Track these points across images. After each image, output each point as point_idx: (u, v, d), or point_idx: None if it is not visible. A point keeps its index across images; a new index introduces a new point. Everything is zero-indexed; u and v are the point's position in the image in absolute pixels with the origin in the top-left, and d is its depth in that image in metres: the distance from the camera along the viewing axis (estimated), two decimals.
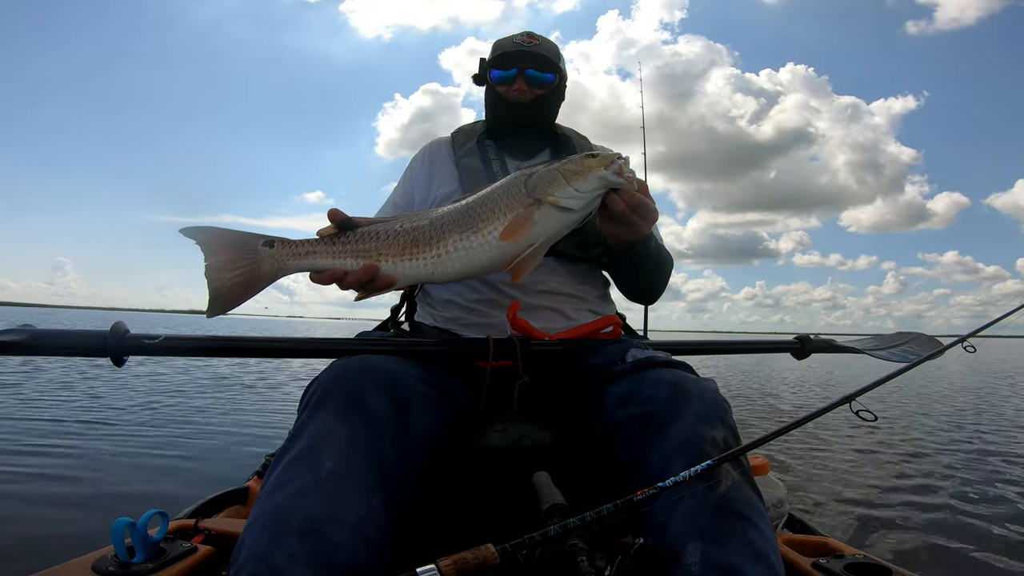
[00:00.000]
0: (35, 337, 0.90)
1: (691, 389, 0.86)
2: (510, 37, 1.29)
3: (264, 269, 0.90)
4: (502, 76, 1.26)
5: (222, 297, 0.89)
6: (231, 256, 0.89)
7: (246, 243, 0.90)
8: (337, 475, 0.73)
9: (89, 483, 3.02)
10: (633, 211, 0.90)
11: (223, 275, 0.89)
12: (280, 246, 0.90)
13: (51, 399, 5.60)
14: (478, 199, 0.91)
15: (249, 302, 0.92)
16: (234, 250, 0.89)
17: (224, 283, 0.89)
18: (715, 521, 0.71)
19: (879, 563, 1.05)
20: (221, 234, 0.91)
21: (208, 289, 0.89)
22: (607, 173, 0.87)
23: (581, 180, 0.87)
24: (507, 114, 1.28)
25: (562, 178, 0.87)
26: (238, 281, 0.89)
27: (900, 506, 3.04)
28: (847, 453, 4.28)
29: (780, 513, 1.48)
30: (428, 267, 0.90)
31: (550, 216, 0.87)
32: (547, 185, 0.87)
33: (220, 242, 0.90)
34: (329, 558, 0.67)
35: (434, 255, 0.89)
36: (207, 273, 0.89)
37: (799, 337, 1.39)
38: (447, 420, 0.94)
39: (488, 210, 0.89)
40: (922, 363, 1.14)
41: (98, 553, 0.97)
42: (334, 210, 0.91)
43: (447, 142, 1.35)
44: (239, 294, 0.90)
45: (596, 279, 1.26)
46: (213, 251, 0.89)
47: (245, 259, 0.90)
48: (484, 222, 0.89)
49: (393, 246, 0.90)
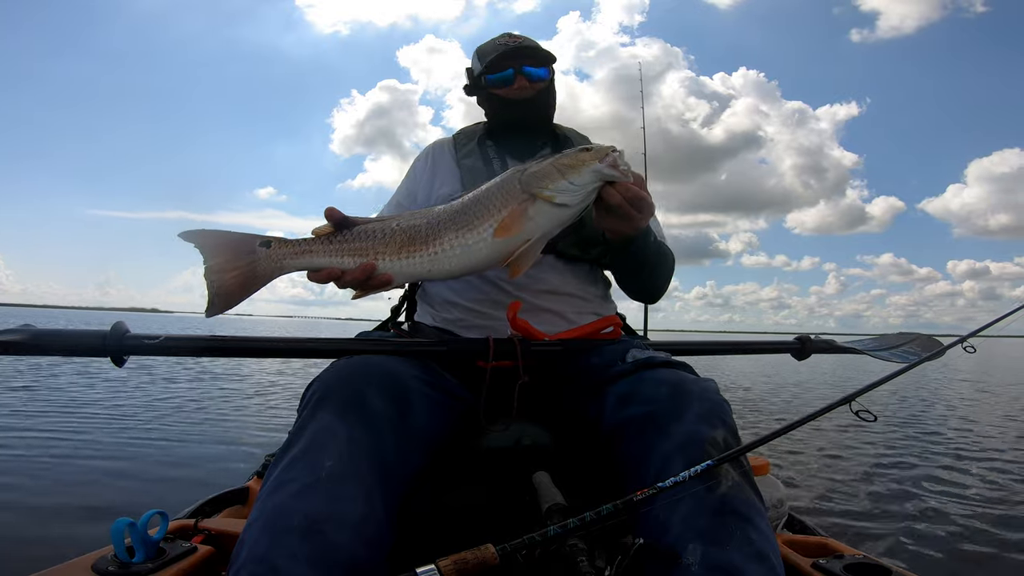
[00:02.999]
0: (35, 337, 0.90)
1: (691, 389, 0.86)
2: (492, 41, 1.29)
3: (262, 269, 0.92)
4: (499, 77, 1.26)
5: (221, 297, 0.91)
6: (229, 257, 0.91)
7: (244, 244, 0.92)
8: (337, 475, 0.73)
9: (89, 483, 3.03)
10: (630, 204, 0.90)
11: (222, 276, 0.91)
12: (277, 246, 0.92)
13: (51, 399, 5.60)
14: (473, 196, 0.92)
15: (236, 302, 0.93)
16: (232, 251, 0.91)
17: (223, 283, 0.91)
18: (715, 521, 0.71)
19: (879, 563, 1.05)
20: (219, 236, 0.93)
21: (207, 289, 0.91)
22: (602, 166, 0.86)
23: (576, 174, 0.86)
24: (510, 113, 1.28)
25: (556, 172, 0.87)
26: (236, 281, 0.91)
27: (900, 506, 3.04)
28: (847, 453, 4.28)
29: (780, 513, 1.48)
30: (425, 265, 0.90)
31: (545, 211, 0.87)
32: (541, 180, 0.87)
33: (218, 244, 0.92)
34: (329, 558, 0.67)
35: (431, 253, 0.90)
36: (206, 274, 0.91)
37: (799, 338, 1.39)
38: (447, 420, 0.94)
39: (483, 207, 0.89)
40: (922, 363, 1.14)
41: (98, 553, 0.97)
42: (331, 209, 0.92)
43: (449, 142, 1.36)
44: (237, 293, 0.92)
45: (598, 279, 1.26)
46: (211, 253, 0.91)
47: (243, 259, 0.91)
48: (479, 219, 0.89)
49: (390, 244, 0.90)
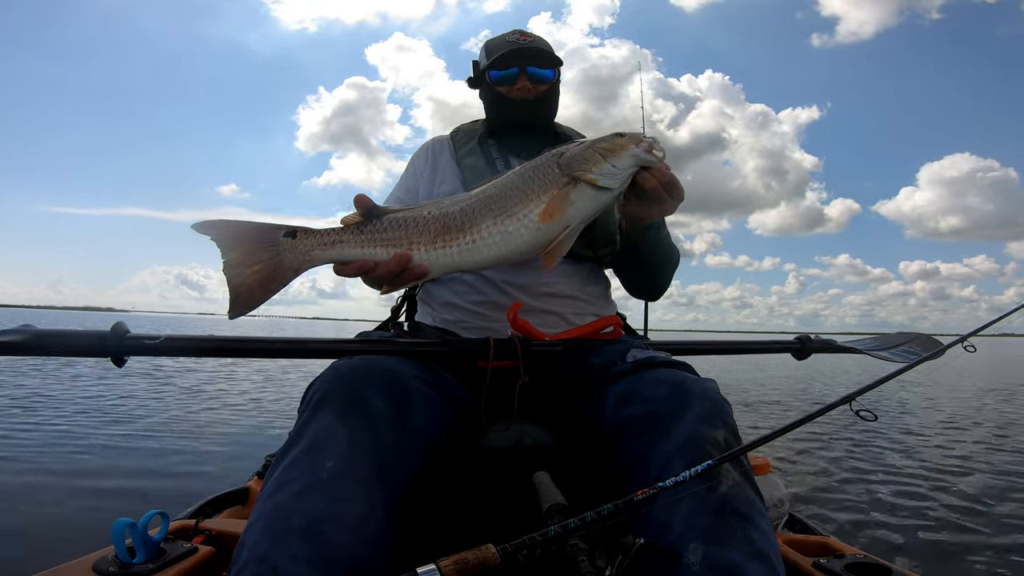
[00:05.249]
0: (36, 337, 0.90)
1: (692, 389, 0.86)
2: (502, 37, 1.29)
3: (287, 262, 0.84)
4: (503, 76, 1.26)
5: (243, 295, 0.83)
6: (250, 250, 0.83)
7: (266, 234, 0.84)
8: (338, 475, 0.73)
9: (89, 483, 3.02)
10: (664, 188, 0.90)
11: (243, 271, 0.83)
12: (304, 236, 0.85)
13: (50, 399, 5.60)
14: (507, 182, 0.87)
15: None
16: (253, 243, 0.83)
17: (244, 280, 0.83)
18: (716, 521, 0.71)
19: (879, 563, 1.05)
20: (238, 226, 0.84)
21: (228, 287, 0.83)
22: (639, 151, 0.86)
23: (617, 157, 0.85)
24: (511, 113, 1.27)
25: (599, 156, 0.85)
26: (259, 277, 0.83)
27: (900, 506, 3.04)
28: (848, 452, 4.28)
29: (780, 513, 1.48)
30: (462, 254, 0.85)
31: (587, 195, 0.84)
32: (583, 163, 0.84)
33: (237, 235, 0.84)
34: (330, 558, 0.67)
35: (468, 241, 0.85)
36: (225, 270, 0.83)
37: (799, 337, 1.40)
38: (448, 420, 0.94)
39: (521, 192, 0.85)
40: (922, 363, 1.14)
41: (99, 553, 0.97)
42: (361, 196, 0.86)
43: (447, 140, 1.35)
44: (260, 291, 0.84)
45: (599, 280, 1.26)
46: (230, 246, 0.83)
47: (266, 252, 0.83)
48: (519, 205, 0.84)
49: (424, 234, 0.85)
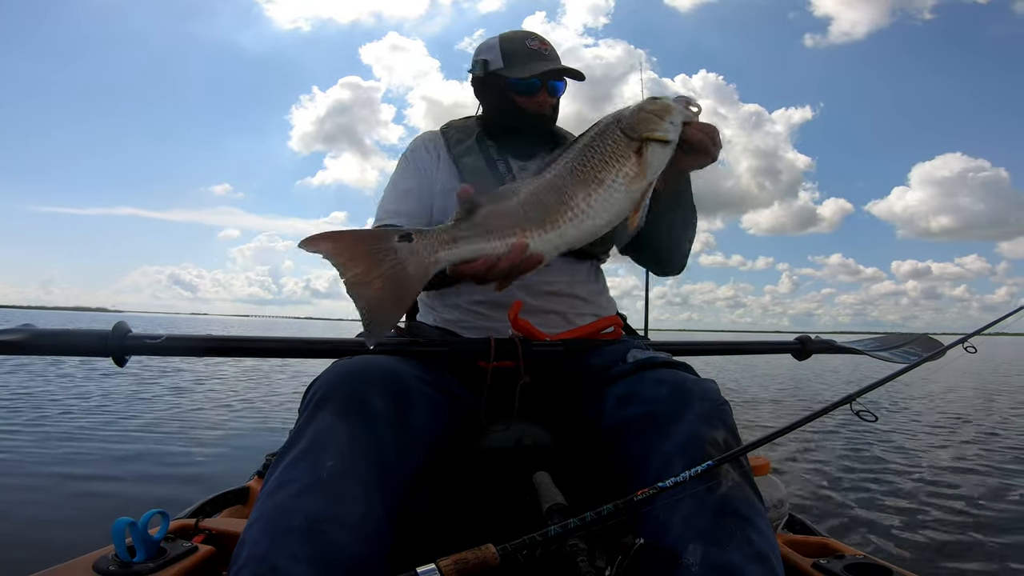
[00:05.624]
0: (36, 336, 0.90)
1: (692, 390, 0.86)
2: (520, 40, 1.24)
3: (413, 268, 0.76)
4: (524, 85, 1.21)
5: (377, 313, 0.75)
6: (371, 262, 0.75)
7: (380, 242, 0.76)
8: (338, 475, 0.73)
9: (89, 483, 3.03)
10: (709, 137, 0.92)
11: (370, 288, 0.75)
12: (420, 238, 0.77)
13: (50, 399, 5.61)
14: (575, 156, 0.87)
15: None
16: (371, 254, 0.75)
17: (373, 296, 0.75)
18: (715, 522, 0.71)
19: (879, 563, 1.05)
20: (352, 237, 0.77)
21: (358, 309, 0.75)
22: (682, 107, 0.89)
23: (671, 114, 0.88)
24: (521, 121, 1.24)
25: (655, 116, 0.88)
26: (389, 290, 0.75)
27: (900, 506, 3.04)
28: (848, 453, 4.28)
29: (780, 513, 1.48)
30: (570, 231, 0.83)
31: (657, 152, 0.87)
32: (647, 123, 0.87)
33: (352, 248, 0.75)
34: (330, 558, 0.67)
35: (569, 217, 0.82)
36: (350, 289, 0.75)
37: (800, 338, 1.40)
38: (448, 420, 0.94)
39: (600, 160, 0.85)
40: (922, 364, 1.14)
41: (99, 553, 0.97)
42: (466, 187, 0.80)
43: (439, 136, 1.30)
44: (393, 305, 0.76)
45: (598, 278, 1.26)
46: (348, 261, 0.75)
47: (387, 261, 0.75)
48: (604, 171, 0.84)
49: (532, 219, 0.82)
